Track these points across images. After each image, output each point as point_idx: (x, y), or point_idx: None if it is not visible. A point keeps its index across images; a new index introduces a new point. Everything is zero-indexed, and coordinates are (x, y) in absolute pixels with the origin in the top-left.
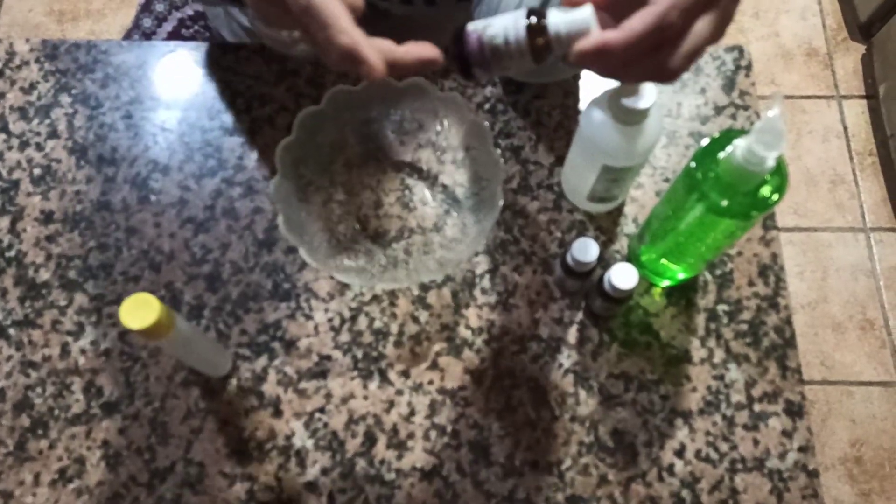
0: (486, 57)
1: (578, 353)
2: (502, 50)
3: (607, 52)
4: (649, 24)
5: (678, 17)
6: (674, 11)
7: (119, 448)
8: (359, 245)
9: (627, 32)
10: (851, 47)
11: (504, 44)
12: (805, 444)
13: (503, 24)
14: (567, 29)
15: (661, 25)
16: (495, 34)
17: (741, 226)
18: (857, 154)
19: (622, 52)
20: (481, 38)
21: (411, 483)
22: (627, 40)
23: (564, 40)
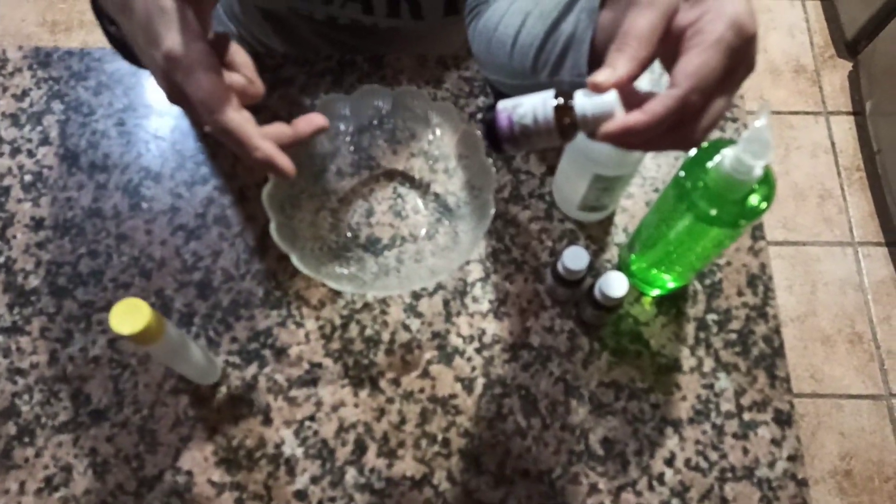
0: (516, 134)
1: (569, 362)
2: (531, 129)
3: (632, 133)
4: (671, 108)
5: (699, 100)
6: (695, 94)
7: (107, 456)
8: (351, 253)
9: (650, 115)
10: (838, 64)
11: (533, 123)
12: (794, 454)
13: (532, 105)
14: (593, 111)
15: (683, 107)
16: (524, 114)
17: (730, 234)
18: (844, 169)
19: (645, 132)
20: (511, 117)
21: (402, 492)
22: (649, 122)
23: (590, 122)
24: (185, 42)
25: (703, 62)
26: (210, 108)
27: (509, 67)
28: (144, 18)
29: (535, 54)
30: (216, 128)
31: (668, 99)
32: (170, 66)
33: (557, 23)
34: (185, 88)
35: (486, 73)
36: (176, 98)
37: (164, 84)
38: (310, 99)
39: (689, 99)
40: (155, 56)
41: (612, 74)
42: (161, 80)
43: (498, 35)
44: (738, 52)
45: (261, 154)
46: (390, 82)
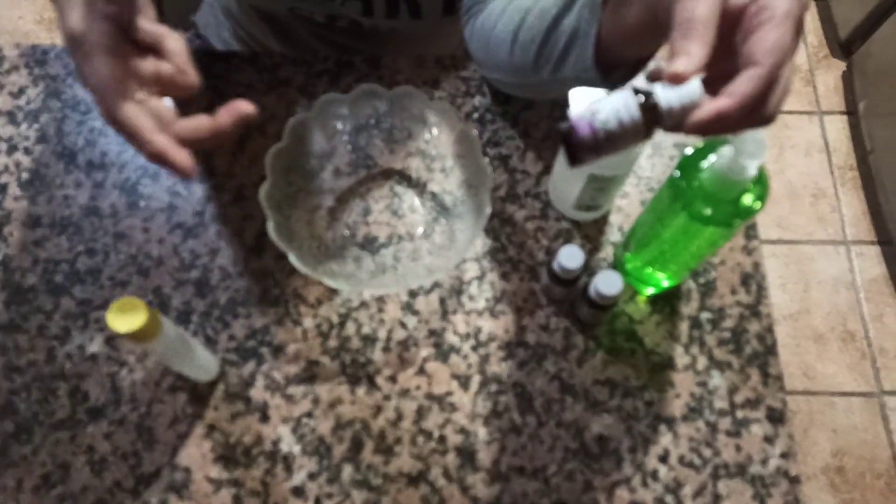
0: (600, 141)
1: (564, 360)
2: (617, 132)
3: (723, 119)
4: (759, 87)
5: (784, 71)
6: (777, 69)
7: (104, 453)
8: (348, 251)
9: (739, 98)
10: (832, 64)
11: (618, 126)
12: (787, 451)
13: (613, 108)
14: (680, 103)
15: (769, 85)
16: (607, 119)
17: (724, 234)
18: (838, 169)
19: (736, 115)
20: (592, 125)
21: (398, 488)
22: (741, 105)
23: (677, 114)
24: (87, 22)
25: (780, 36)
26: (103, 96)
27: (509, 65)
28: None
29: (537, 51)
30: (108, 119)
31: (755, 79)
32: (70, 46)
33: (558, 19)
34: (83, 71)
35: (484, 73)
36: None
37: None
38: (307, 99)
39: (773, 75)
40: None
41: (691, 62)
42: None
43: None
44: (801, 22)
45: (152, 148)
46: (388, 82)
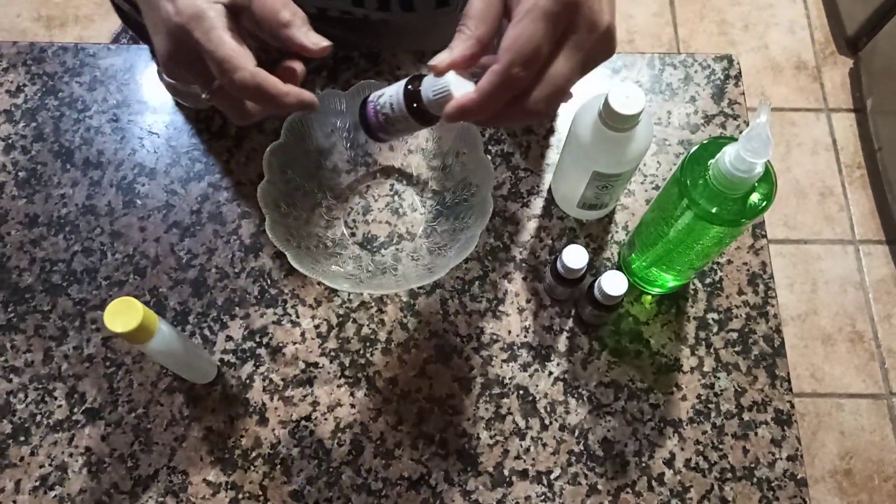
0: (381, 123)
1: (568, 362)
2: (391, 117)
3: (468, 112)
4: (496, 83)
5: (522, 70)
6: (516, 67)
7: (102, 455)
8: (347, 251)
9: (480, 94)
10: (839, 61)
11: (391, 111)
12: (794, 453)
13: (390, 94)
14: (433, 95)
15: (507, 82)
16: (384, 103)
17: (730, 233)
18: (845, 167)
19: (480, 110)
20: (375, 107)
21: (398, 492)
22: (481, 101)
23: (434, 104)
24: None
25: (518, 34)
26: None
27: None
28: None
29: None
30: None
31: (492, 75)
32: (190, 22)
33: None
34: (206, 45)
35: None
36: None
37: (171, 43)
38: None
39: (511, 72)
40: (169, 9)
41: (448, 56)
42: (169, 37)
43: None
44: (560, 17)
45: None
46: (387, 78)
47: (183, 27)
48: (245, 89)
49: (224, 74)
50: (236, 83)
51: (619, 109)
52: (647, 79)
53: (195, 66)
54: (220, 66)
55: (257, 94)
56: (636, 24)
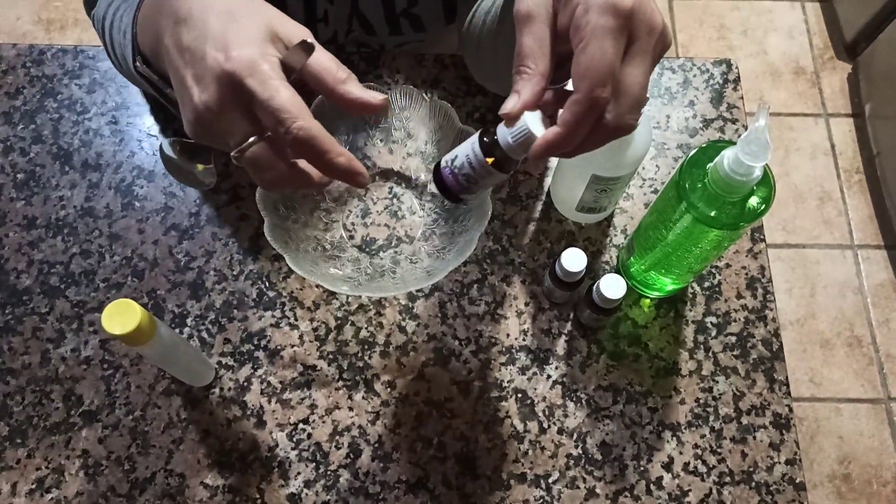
0: (464, 185)
1: (567, 365)
2: (472, 175)
3: (556, 148)
4: (580, 113)
5: (604, 92)
6: (597, 90)
7: (98, 458)
8: (346, 253)
9: (565, 127)
10: (838, 66)
11: (470, 169)
12: (792, 457)
13: (464, 152)
14: (513, 140)
15: (591, 107)
16: (462, 164)
17: (729, 236)
18: (844, 171)
19: (568, 142)
20: (452, 171)
21: (396, 496)
22: (566, 134)
23: (517, 149)
24: (261, 51)
25: (590, 59)
26: (295, 113)
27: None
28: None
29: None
30: (299, 134)
31: (575, 105)
32: (244, 70)
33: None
34: (261, 93)
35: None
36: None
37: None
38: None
39: (593, 97)
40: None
41: (518, 101)
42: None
43: (483, 38)
44: (622, 30)
45: (344, 160)
46: (387, 81)
47: (235, 74)
48: (300, 140)
49: (281, 124)
50: (293, 133)
51: None
52: None
53: (234, 121)
54: (276, 116)
55: (311, 147)
56: None
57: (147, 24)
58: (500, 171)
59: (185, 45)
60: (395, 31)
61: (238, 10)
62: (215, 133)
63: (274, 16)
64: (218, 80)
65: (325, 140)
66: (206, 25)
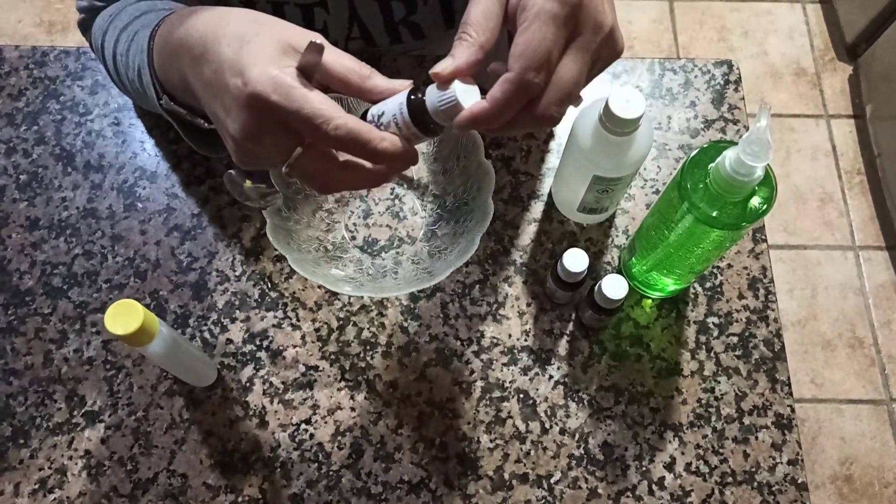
0: None
1: (568, 365)
2: (398, 134)
3: (479, 123)
4: (509, 91)
5: (536, 76)
6: (530, 73)
7: (101, 458)
8: (348, 254)
9: (493, 103)
10: (839, 67)
11: (395, 127)
12: (794, 458)
13: (392, 110)
14: (439, 105)
15: (522, 88)
16: (388, 122)
17: (731, 237)
18: (845, 173)
19: (493, 119)
20: (380, 125)
21: (398, 496)
22: (494, 110)
23: (442, 115)
24: (278, 65)
25: (528, 40)
26: (328, 115)
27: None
28: (232, 53)
29: None
30: (338, 133)
31: (505, 83)
32: (266, 88)
33: None
34: (289, 106)
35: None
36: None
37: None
38: None
39: (524, 79)
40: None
41: (451, 63)
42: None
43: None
44: (567, 20)
45: (388, 144)
46: None
47: (258, 95)
48: (341, 139)
49: (317, 129)
50: (332, 135)
51: (620, 113)
52: (648, 84)
53: (274, 139)
54: (310, 123)
55: (353, 142)
56: (636, 31)
57: (166, 66)
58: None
59: (207, 80)
60: (396, 39)
61: (248, 31)
62: (260, 157)
63: (284, 28)
64: (244, 106)
65: (363, 131)
66: (221, 55)
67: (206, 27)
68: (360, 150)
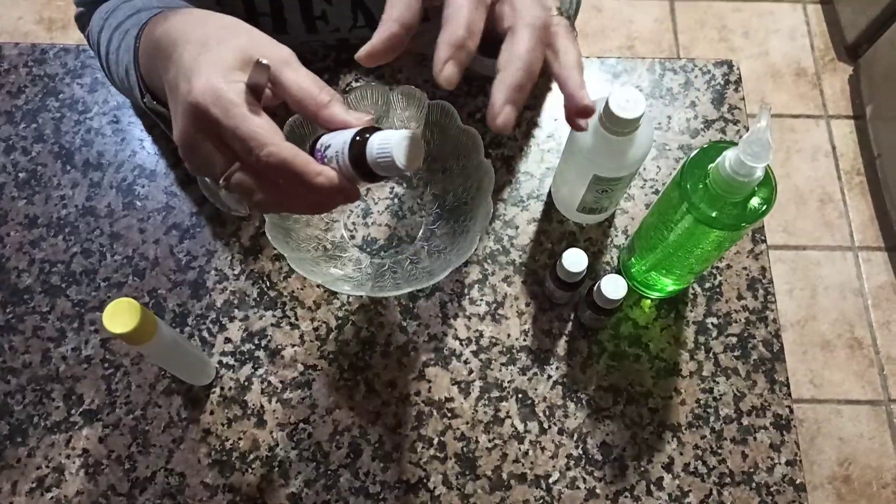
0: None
1: (567, 365)
2: (338, 170)
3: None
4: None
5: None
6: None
7: (99, 457)
8: (347, 253)
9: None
10: (839, 68)
11: (336, 164)
12: (793, 458)
13: (336, 147)
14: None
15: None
16: (331, 157)
17: (730, 237)
18: (845, 173)
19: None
20: (323, 157)
21: (396, 496)
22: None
23: (379, 167)
24: (226, 78)
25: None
26: (263, 140)
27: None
28: (190, 59)
29: None
30: (270, 160)
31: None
32: (207, 100)
33: None
34: (226, 122)
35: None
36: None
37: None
38: None
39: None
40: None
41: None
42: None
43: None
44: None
45: (324, 179)
46: (388, 81)
47: (198, 105)
48: (272, 167)
49: (250, 153)
50: (263, 160)
51: (620, 113)
52: (648, 83)
53: (211, 150)
54: (244, 144)
55: (284, 171)
56: (637, 31)
57: (148, 65)
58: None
59: (168, 82)
60: None
61: (211, 38)
62: (200, 165)
63: (248, 40)
64: (185, 112)
65: (297, 162)
66: (182, 59)
67: (181, 30)
68: (292, 181)
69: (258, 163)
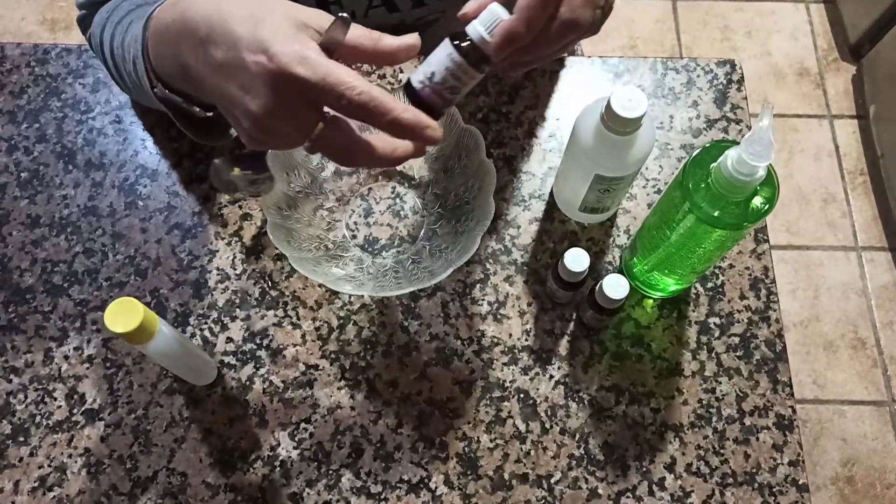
0: (448, 98)
1: (569, 365)
2: (457, 85)
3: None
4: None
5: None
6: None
7: (101, 456)
8: (348, 253)
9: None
10: (842, 67)
11: (453, 77)
12: (795, 459)
13: (441, 63)
14: (488, 31)
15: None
16: (444, 78)
17: (732, 237)
18: (848, 173)
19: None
20: (434, 88)
21: (398, 495)
22: (521, 22)
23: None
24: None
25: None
26: (350, 83)
27: None
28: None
29: None
30: (361, 98)
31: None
32: (291, 63)
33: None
34: (314, 78)
35: None
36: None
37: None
38: None
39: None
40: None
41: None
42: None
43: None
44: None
45: (411, 115)
46: (390, 81)
47: (283, 69)
48: (364, 105)
49: (342, 97)
50: (356, 100)
51: (622, 113)
52: (650, 83)
53: (296, 115)
54: (335, 90)
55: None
56: (639, 30)
57: (162, 53)
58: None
59: (219, 62)
60: (419, 2)
61: (258, 12)
62: (279, 133)
63: (288, 6)
64: (268, 81)
65: (387, 100)
66: (234, 35)
67: (208, 10)
68: (381, 119)
69: (350, 104)
